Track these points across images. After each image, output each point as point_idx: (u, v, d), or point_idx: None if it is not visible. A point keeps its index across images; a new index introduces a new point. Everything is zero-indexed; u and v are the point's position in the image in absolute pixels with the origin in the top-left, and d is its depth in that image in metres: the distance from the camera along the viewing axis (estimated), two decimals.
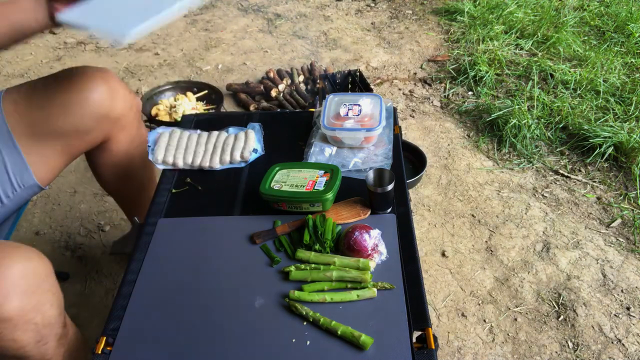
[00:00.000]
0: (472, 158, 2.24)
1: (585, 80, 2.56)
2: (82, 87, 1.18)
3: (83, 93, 1.17)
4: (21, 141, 1.15)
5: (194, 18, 3.52)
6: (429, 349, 0.86)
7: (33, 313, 0.86)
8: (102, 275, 1.75)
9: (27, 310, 0.85)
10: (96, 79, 1.20)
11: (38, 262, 0.89)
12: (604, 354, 1.49)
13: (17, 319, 0.83)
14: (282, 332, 0.89)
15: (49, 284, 0.90)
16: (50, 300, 0.91)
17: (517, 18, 3.15)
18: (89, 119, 1.21)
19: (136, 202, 1.54)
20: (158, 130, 1.34)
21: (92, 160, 1.42)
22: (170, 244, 1.08)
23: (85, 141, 1.25)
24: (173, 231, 1.11)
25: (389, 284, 0.95)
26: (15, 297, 0.83)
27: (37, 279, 0.87)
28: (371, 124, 1.28)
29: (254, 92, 2.62)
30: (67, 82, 1.18)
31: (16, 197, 1.18)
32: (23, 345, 0.87)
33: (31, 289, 0.86)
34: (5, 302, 0.81)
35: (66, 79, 1.18)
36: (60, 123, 1.17)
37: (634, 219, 1.91)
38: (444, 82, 2.76)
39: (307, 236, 1.03)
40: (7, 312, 0.82)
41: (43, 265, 0.89)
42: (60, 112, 1.17)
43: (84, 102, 1.18)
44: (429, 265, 1.76)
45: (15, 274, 0.84)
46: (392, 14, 3.55)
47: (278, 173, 1.17)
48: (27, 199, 1.24)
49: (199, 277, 1.01)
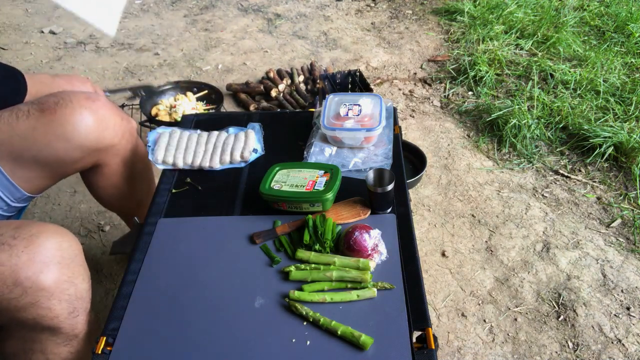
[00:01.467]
0: (472, 158, 2.24)
1: (585, 80, 2.56)
2: (67, 120, 1.11)
3: (68, 126, 1.11)
4: (4, 165, 1.12)
5: (194, 18, 3.52)
6: (429, 349, 0.86)
7: (67, 284, 0.92)
8: (102, 275, 1.74)
9: (62, 281, 0.91)
10: (82, 111, 1.13)
11: (71, 239, 0.95)
12: (604, 354, 1.49)
13: (53, 288, 0.89)
14: (282, 332, 0.89)
15: (81, 259, 0.97)
16: (82, 275, 0.97)
17: (517, 18, 3.15)
18: (75, 151, 1.16)
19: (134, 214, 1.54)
20: (158, 130, 1.34)
21: (86, 180, 1.40)
22: (170, 244, 1.08)
23: (74, 168, 1.23)
24: (173, 231, 1.11)
25: (389, 284, 0.95)
26: (52, 267, 0.89)
27: (71, 253, 0.94)
28: (371, 124, 1.27)
29: (254, 92, 2.62)
30: (51, 113, 1.11)
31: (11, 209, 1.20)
32: (57, 315, 0.92)
33: (65, 261, 0.92)
34: (44, 271, 0.88)
35: (50, 110, 1.11)
36: (44, 154, 1.13)
37: (634, 219, 1.91)
38: (444, 82, 2.76)
39: (307, 236, 1.03)
40: (45, 281, 0.88)
41: (75, 242, 0.96)
42: (43, 144, 1.12)
43: (69, 135, 1.12)
44: (429, 265, 1.76)
45: (53, 247, 0.90)
46: (392, 14, 3.55)
47: (278, 173, 1.17)
48: (25, 205, 1.26)
49: (198, 278, 1.01)
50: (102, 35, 3.28)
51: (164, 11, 3.62)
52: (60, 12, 3.59)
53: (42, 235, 0.90)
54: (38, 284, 0.87)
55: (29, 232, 0.90)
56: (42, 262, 0.88)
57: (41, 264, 0.88)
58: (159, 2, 3.74)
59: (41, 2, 3.74)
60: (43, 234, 0.90)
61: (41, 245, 0.89)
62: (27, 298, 0.87)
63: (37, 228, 0.92)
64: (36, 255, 0.88)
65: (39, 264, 0.88)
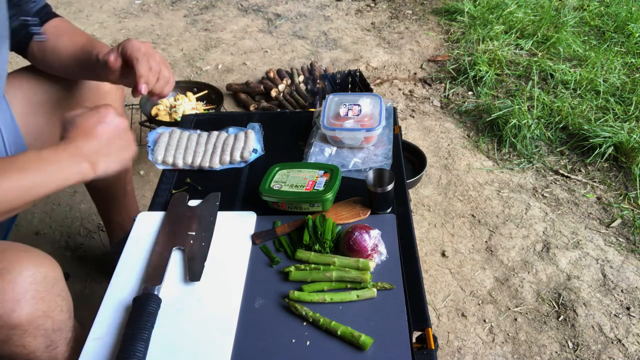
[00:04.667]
0: (472, 158, 2.24)
1: (585, 80, 2.56)
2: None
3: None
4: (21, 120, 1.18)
5: (194, 18, 3.52)
6: (429, 349, 0.86)
7: (43, 319, 0.86)
8: (102, 275, 1.74)
9: (37, 316, 0.84)
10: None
11: (48, 267, 0.87)
12: (604, 354, 1.49)
13: (27, 325, 0.83)
14: (282, 332, 0.89)
15: (59, 288, 0.89)
16: (60, 305, 0.90)
17: (517, 18, 3.15)
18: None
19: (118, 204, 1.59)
20: (158, 130, 1.34)
21: None
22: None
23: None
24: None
25: (388, 284, 0.95)
26: (25, 303, 0.82)
27: (48, 284, 0.86)
28: (371, 124, 1.27)
29: (254, 92, 2.62)
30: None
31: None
32: (33, 351, 0.86)
33: (41, 294, 0.84)
34: (16, 309, 0.80)
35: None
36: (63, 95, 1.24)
37: (634, 219, 1.91)
38: (444, 82, 2.76)
39: (307, 236, 1.03)
40: (17, 319, 0.81)
41: (53, 270, 0.88)
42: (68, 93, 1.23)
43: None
44: (429, 265, 1.76)
45: (26, 280, 0.82)
46: (392, 14, 3.55)
47: (278, 173, 1.17)
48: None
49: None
50: (102, 35, 3.29)
51: (164, 11, 3.62)
52: (60, 12, 3.59)
53: (15, 268, 0.82)
54: (9, 323, 0.80)
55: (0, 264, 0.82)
56: (13, 300, 0.80)
57: (12, 301, 0.80)
58: (159, 2, 3.75)
59: None
60: (15, 267, 0.82)
61: (12, 280, 0.80)
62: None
63: (9, 259, 0.83)
64: (6, 293, 0.80)
65: (10, 301, 0.80)
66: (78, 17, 3.52)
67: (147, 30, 3.36)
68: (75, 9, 3.64)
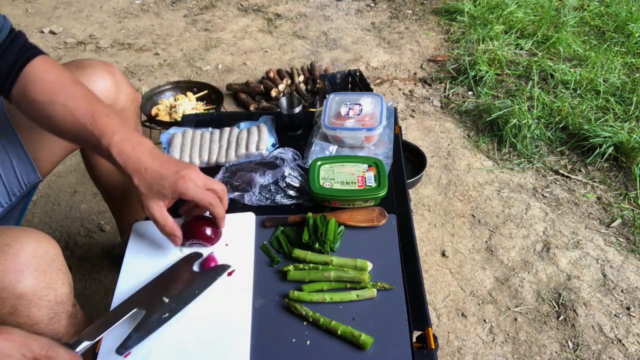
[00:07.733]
0: (472, 158, 2.24)
1: (585, 80, 2.56)
2: (88, 79, 1.19)
3: (89, 84, 1.16)
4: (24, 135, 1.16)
5: (194, 18, 3.52)
6: (429, 349, 0.86)
7: (46, 290, 0.90)
8: (102, 275, 1.74)
9: (40, 287, 0.89)
10: (102, 71, 1.22)
11: (48, 243, 0.93)
12: (604, 354, 1.49)
13: (31, 295, 0.88)
14: (282, 332, 0.89)
15: (59, 263, 0.94)
16: (62, 279, 0.95)
17: (517, 18, 3.15)
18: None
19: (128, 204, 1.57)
20: (170, 131, 1.35)
21: (88, 159, 1.44)
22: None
23: None
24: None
25: (388, 284, 0.95)
26: (29, 274, 0.87)
27: (48, 259, 0.91)
28: (372, 124, 1.27)
29: (254, 92, 2.62)
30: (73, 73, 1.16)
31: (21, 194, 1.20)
32: (37, 322, 0.90)
33: (43, 267, 0.90)
34: (20, 279, 0.86)
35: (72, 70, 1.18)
36: None
37: (634, 219, 1.91)
38: (444, 82, 2.76)
39: (307, 235, 1.03)
40: (22, 289, 0.86)
41: (53, 246, 0.94)
42: None
43: None
44: (429, 265, 1.76)
45: (28, 254, 0.88)
46: (392, 14, 3.55)
47: (322, 169, 1.16)
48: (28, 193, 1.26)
49: None
50: (102, 35, 3.29)
51: (164, 11, 3.62)
52: (60, 12, 3.59)
53: (16, 243, 0.88)
54: (15, 293, 0.85)
55: (2, 242, 0.88)
56: (17, 271, 0.86)
57: (16, 272, 0.86)
58: (159, 2, 3.75)
59: (41, 2, 3.74)
60: (17, 242, 0.88)
61: (15, 254, 0.86)
62: (5, 308, 0.86)
63: (10, 236, 0.89)
64: (10, 265, 0.85)
65: (14, 272, 0.85)
66: (78, 17, 3.52)
67: (147, 30, 3.36)
68: (75, 9, 3.64)
